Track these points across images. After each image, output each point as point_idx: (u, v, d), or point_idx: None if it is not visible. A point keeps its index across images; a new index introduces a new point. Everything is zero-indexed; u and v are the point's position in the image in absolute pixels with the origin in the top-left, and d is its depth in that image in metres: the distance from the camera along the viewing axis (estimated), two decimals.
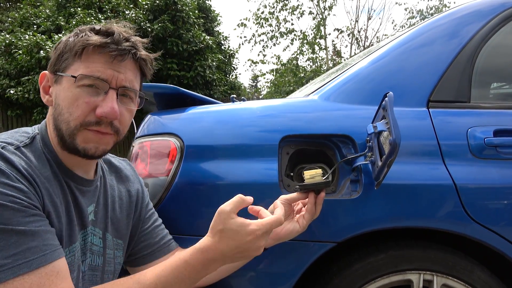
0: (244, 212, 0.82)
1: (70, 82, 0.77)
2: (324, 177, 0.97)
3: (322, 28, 11.80)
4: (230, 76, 11.89)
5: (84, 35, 0.78)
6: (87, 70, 0.77)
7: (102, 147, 0.81)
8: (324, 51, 12.10)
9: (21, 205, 0.67)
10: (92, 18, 8.08)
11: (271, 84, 12.49)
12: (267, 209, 0.87)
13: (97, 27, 0.81)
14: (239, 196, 0.78)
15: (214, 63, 9.40)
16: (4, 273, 0.62)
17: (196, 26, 9.24)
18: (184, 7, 8.70)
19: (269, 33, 12.18)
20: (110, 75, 0.78)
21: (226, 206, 0.77)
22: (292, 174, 1.10)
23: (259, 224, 0.76)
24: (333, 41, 14.57)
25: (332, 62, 12.15)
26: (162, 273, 0.74)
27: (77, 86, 0.77)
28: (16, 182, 0.68)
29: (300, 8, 11.95)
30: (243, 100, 1.54)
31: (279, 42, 12.87)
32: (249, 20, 12.26)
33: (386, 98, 0.92)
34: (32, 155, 0.75)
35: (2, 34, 8.47)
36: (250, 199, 0.80)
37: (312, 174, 0.94)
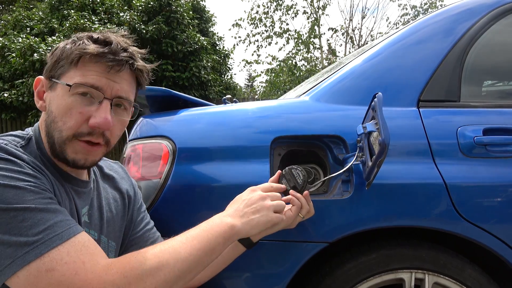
0: None
1: (64, 90, 0.77)
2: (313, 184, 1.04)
3: (316, 27, 11.79)
4: (225, 77, 11.88)
5: (81, 43, 0.78)
6: (82, 78, 0.76)
7: (91, 159, 0.81)
8: (319, 50, 12.10)
9: (39, 188, 0.70)
10: (86, 20, 8.04)
11: (267, 83, 12.45)
12: None
13: (95, 35, 0.80)
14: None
15: (209, 64, 9.38)
16: (38, 248, 0.65)
17: (191, 27, 9.22)
18: (178, 8, 8.67)
19: (263, 33, 12.16)
20: (106, 84, 0.78)
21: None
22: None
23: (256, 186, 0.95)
24: (328, 40, 14.54)
25: (327, 62, 12.13)
26: (193, 232, 0.81)
27: (72, 94, 0.76)
28: (29, 170, 0.71)
29: (294, 8, 11.95)
30: (235, 101, 1.55)
31: (276, 43, 12.84)
32: (243, 21, 12.23)
33: (375, 99, 0.92)
34: (29, 156, 0.76)
35: None
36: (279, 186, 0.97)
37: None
